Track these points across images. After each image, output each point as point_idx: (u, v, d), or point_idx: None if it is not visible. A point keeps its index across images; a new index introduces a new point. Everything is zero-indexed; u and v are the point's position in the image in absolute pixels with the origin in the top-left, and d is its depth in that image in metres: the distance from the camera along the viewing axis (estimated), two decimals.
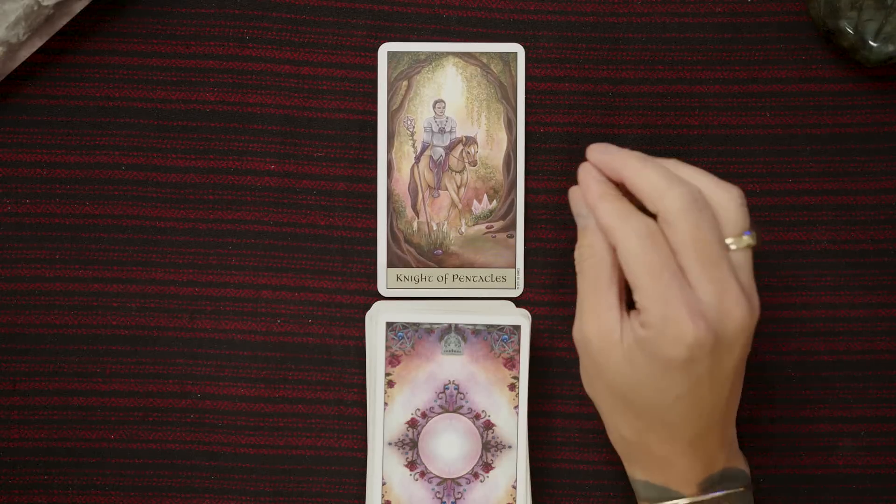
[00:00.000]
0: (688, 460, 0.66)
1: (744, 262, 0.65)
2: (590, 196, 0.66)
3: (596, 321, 0.65)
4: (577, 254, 0.67)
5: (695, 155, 0.74)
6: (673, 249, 0.63)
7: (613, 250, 0.65)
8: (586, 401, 0.74)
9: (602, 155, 0.66)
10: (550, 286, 0.74)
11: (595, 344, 0.65)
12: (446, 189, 0.74)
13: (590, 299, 0.65)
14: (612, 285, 0.65)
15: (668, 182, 0.64)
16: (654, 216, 0.65)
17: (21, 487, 0.73)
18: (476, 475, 0.72)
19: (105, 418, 0.74)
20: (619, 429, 0.67)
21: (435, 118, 0.74)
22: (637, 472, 0.67)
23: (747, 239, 0.65)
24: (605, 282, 0.65)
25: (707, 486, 0.66)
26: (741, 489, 0.67)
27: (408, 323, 0.72)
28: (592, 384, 0.67)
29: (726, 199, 0.65)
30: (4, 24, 0.70)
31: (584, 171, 0.66)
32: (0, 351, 0.73)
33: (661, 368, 0.63)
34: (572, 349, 0.74)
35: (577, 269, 0.66)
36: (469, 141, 0.74)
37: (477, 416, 0.72)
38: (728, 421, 0.67)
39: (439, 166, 0.74)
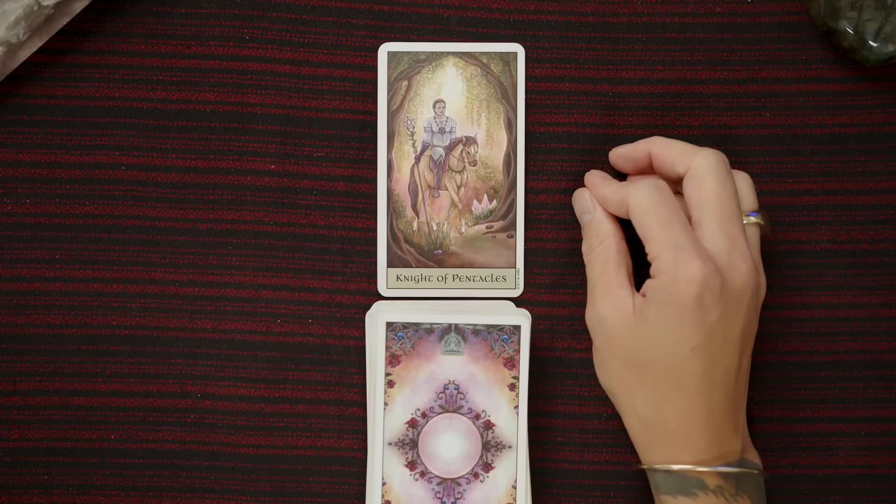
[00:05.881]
0: (706, 436, 0.67)
1: (752, 236, 0.69)
2: (598, 184, 0.71)
3: (608, 298, 0.68)
4: (584, 247, 0.71)
5: None
6: (693, 205, 0.68)
7: (619, 236, 0.70)
8: (586, 401, 0.74)
9: (623, 147, 0.72)
10: (550, 286, 0.74)
11: (609, 319, 0.68)
12: (446, 189, 0.74)
13: (601, 282, 0.69)
14: (620, 267, 0.69)
15: (698, 147, 0.69)
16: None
17: (21, 487, 0.73)
18: (476, 475, 0.72)
19: (105, 418, 0.74)
20: (637, 408, 0.68)
21: (435, 118, 0.74)
22: (657, 456, 0.68)
23: (754, 219, 0.69)
24: (614, 265, 0.69)
25: (726, 474, 0.67)
26: (755, 472, 0.68)
27: (408, 323, 0.72)
28: (607, 366, 0.69)
29: (738, 177, 0.70)
30: (4, 24, 0.70)
31: (589, 173, 0.72)
32: (0, 351, 0.73)
33: (674, 317, 0.66)
34: (572, 349, 0.74)
35: (586, 260, 0.71)
36: (469, 141, 0.74)
37: (477, 416, 0.72)
38: (739, 403, 0.68)
39: (439, 166, 0.74)
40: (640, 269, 0.70)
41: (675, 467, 0.67)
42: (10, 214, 0.74)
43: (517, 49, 0.74)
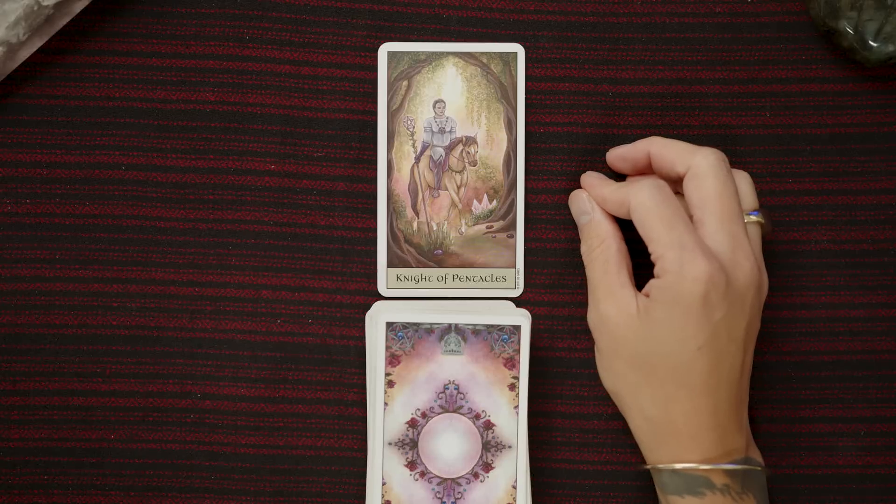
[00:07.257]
0: (712, 435, 0.67)
1: (753, 235, 0.69)
2: (596, 185, 0.71)
3: (612, 298, 0.68)
4: (583, 248, 0.71)
5: None
6: (694, 204, 0.68)
7: (619, 236, 0.70)
8: (586, 401, 0.74)
9: (621, 148, 0.72)
10: (550, 286, 0.74)
11: (613, 319, 0.68)
12: (446, 189, 0.74)
13: (603, 282, 0.69)
14: (621, 267, 0.69)
15: (697, 146, 0.69)
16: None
17: (21, 487, 0.73)
18: (476, 475, 0.72)
19: (105, 418, 0.74)
20: (644, 408, 0.68)
21: (435, 118, 0.74)
22: (663, 456, 0.68)
23: (755, 218, 0.69)
24: (615, 265, 0.69)
25: (732, 473, 0.67)
26: (759, 469, 0.68)
27: (408, 323, 0.72)
28: (612, 367, 0.69)
29: (738, 177, 0.70)
30: (4, 24, 0.70)
31: (585, 174, 0.72)
32: (0, 351, 0.73)
33: (680, 316, 0.66)
34: (572, 349, 0.74)
35: (586, 261, 0.70)
36: (469, 141, 0.74)
37: (477, 416, 0.72)
38: (743, 401, 0.69)
39: (439, 166, 0.74)
40: (638, 269, 0.70)
41: (681, 466, 0.67)
42: (10, 214, 0.74)
43: (517, 49, 0.74)
